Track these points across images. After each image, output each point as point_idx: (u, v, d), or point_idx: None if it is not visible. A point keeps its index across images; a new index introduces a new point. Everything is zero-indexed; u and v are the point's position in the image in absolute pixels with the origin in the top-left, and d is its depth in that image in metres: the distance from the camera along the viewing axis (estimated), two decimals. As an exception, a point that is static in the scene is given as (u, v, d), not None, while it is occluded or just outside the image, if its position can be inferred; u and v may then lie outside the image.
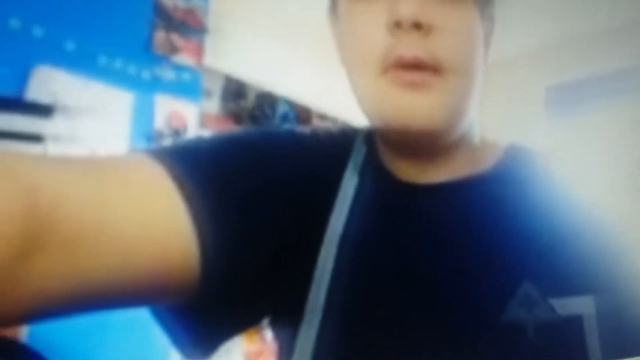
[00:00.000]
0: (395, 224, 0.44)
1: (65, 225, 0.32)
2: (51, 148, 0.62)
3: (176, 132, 0.67)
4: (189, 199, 0.36)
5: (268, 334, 0.72)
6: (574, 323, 0.43)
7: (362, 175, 0.45)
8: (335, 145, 0.45)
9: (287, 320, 0.43)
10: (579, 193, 0.47)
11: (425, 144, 0.42)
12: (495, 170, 0.45)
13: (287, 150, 0.43)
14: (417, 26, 0.41)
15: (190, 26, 0.67)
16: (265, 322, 0.43)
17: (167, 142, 0.68)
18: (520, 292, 0.42)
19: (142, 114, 0.67)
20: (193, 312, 0.39)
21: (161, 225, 0.35)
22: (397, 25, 0.41)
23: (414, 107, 0.41)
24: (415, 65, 0.40)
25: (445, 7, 0.42)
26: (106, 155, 0.43)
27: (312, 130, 0.47)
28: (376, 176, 0.44)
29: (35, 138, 0.61)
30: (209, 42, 0.70)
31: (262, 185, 0.40)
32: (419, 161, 0.43)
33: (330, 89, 0.75)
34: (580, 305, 0.44)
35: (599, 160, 1.04)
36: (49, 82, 0.62)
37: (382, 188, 0.44)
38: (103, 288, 0.34)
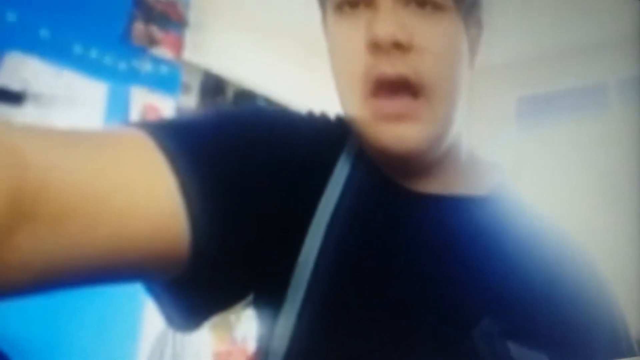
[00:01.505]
0: (381, 222, 0.43)
1: (54, 198, 0.31)
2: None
3: (151, 126, 0.65)
4: (180, 174, 0.35)
5: (238, 334, 0.71)
6: None
7: (354, 166, 0.44)
8: (331, 131, 0.44)
9: (269, 300, 0.42)
10: (552, 227, 0.46)
11: (408, 163, 0.42)
12: (487, 199, 0.45)
13: (281, 131, 0.42)
14: (397, 45, 0.40)
15: (170, 19, 0.65)
16: (247, 304, 0.42)
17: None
18: (482, 323, 0.42)
19: (117, 106, 0.64)
20: (182, 286, 0.38)
21: (151, 200, 0.34)
22: (376, 45, 0.40)
23: (397, 134, 0.40)
24: (399, 85, 0.39)
25: (425, 21, 0.41)
26: (98, 128, 0.42)
27: (308, 112, 0.45)
28: (366, 170, 0.43)
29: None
30: (189, 36, 0.68)
31: (254, 164, 0.39)
32: (406, 170, 0.43)
33: (310, 88, 0.74)
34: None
35: (565, 171, 1.06)
36: (20, 69, 0.59)
37: (371, 184, 0.43)
38: (92, 262, 0.33)
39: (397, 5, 0.40)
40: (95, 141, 0.35)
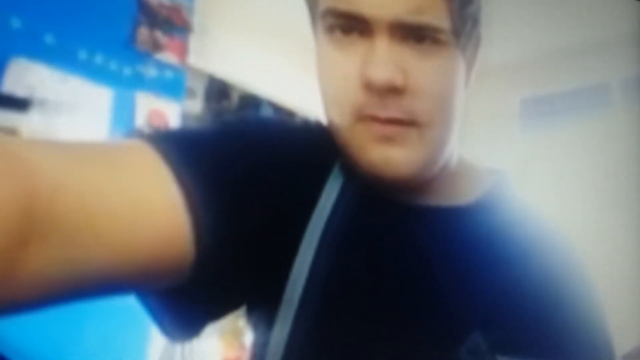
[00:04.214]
0: (371, 235, 0.43)
1: (64, 213, 0.31)
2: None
3: (157, 130, 0.64)
4: (184, 185, 0.36)
5: (247, 340, 0.70)
6: None
7: (345, 178, 0.44)
8: (325, 143, 0.44)
9: (263, 309, 0.42)
10: (547, 232, 0.45)
11: (399, 186, 0.41)
12: (475, 206, 0.44)
13: (279, 141, 0.42)
14: (391, 89, 0.39)
15: (174, 24, 0.64)
16: (244, 313, 0.42)
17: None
18: (470, 339, 0.41)
19: (123, 111, 0.64)
20: (178, 295, 0.38)
21: (157, 211, 0.34)
22: (370, 87, 0.39)
23: (388, 159, 0.39)
24: (391, 122, 0.39)
25: (422, 58, 0.40)
26: (104, 141, 0.42)
27: (304, 122, 0.45)
28: (356, 184, 0.43)
29: (10, 132, 0.58)
30: (194, 42, 0.67)
31: (252, 173, 0.39)
32: (395, 187, 0.43)
33: (314, 92, 0.74)
34: None
35: (570, 171, 1.05)
36: (26, 75, 0.59)
37: (361, 197, 0.43)
38: (101, 274, 0.33)
39: (394, 40, 0.39)
40: (100, 154, 0.35)
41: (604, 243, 1.04)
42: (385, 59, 0.38)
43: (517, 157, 0.96)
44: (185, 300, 0.38)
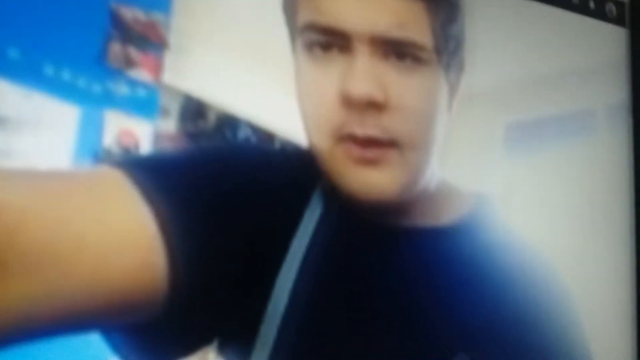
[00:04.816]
0: (354, 258, 0.42)
1: (28, 246, 0.29)
2: (-16, 163, 0.55)
3: (126, 151, 0.61)
4: (156, 212, 0.34)
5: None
6: None
7: (328, 200, 0.43)
8: (304, 167, 0.43)
9: (239, 341, 0.40)
10: (528, 255, 0.45)
11: (381, 208, 0.42)
12: (455, 227, 0.44)
13: (256, 169, 0.41)
14: (371, 104, 0.39)
15: (149, 40, 0.61)
16: (214, 348, 0.41)
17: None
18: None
19: (90, 130, 0.61)
20: (148, 330, 0.36)
21: (129, 240, 0.33)
22: (349, 102, 0.39)
23: (368, 182, 0.39)
24: (369, 142, 0.39)
25: (403, 76, 0.39)
26: (70, 169, 0.41)
27: (282, 148, 0.45)
28: (338, 207, 0.42)
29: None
30: (169, 59, 0.65)
31: (228, 198, 0.38)
32: (375, 209, 0.42)
33: (294, 113, 0.71)
34: None
35: (555, 197, 1.03)
36: (-14, 91, 0.56)
37: (341, 221, 0.42)
38: (69, 309, 0.31)
39: (375, 57, 0.39)
40: (66, 182, 0.34)
41: (588, 268, 1.02)
42: (365, 74, 0.38)
43: (500, 181, 0.94)
44: (156, 335, 0.37)
